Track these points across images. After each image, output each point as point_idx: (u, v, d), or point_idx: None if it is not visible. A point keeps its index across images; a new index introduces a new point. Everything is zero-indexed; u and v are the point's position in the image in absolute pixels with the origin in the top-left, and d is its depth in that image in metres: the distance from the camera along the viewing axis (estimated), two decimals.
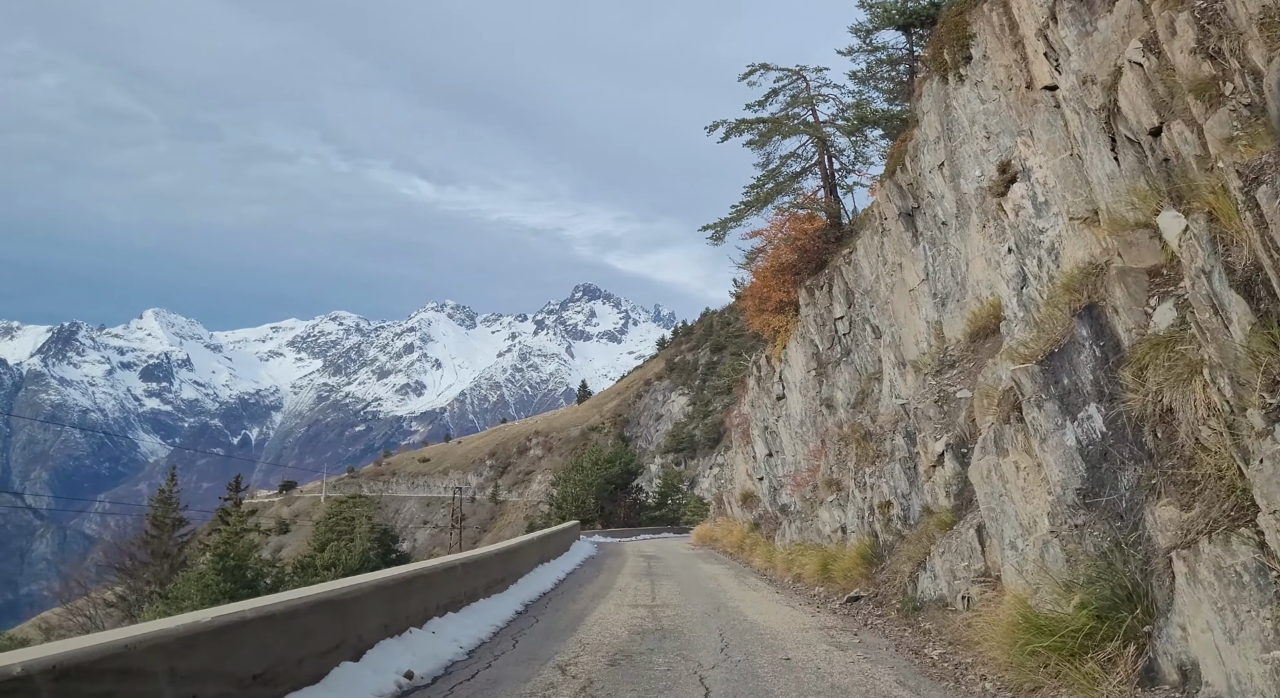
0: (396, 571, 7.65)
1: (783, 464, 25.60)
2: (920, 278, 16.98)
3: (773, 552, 18.76)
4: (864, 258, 22.85)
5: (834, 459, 18.71)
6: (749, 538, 23.74)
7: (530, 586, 12.96)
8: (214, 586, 35.94)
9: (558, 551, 19.96)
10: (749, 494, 28.30)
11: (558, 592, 13.27)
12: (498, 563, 11.19)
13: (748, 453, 28.47)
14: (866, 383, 22.22)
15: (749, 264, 28.85)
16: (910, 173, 18.61)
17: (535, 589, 12.78)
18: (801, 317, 25.66)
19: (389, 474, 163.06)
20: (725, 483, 32.39)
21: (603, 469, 52.79)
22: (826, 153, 27.90)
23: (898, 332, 17.87)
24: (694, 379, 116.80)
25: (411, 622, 7.38)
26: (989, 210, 12.79)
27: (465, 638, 7.84)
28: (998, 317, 12.08)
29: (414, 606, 7.45)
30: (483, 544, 54.41)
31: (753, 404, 27.77)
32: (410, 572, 7.65)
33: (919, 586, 9.75)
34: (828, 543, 15.18)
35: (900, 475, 11.86)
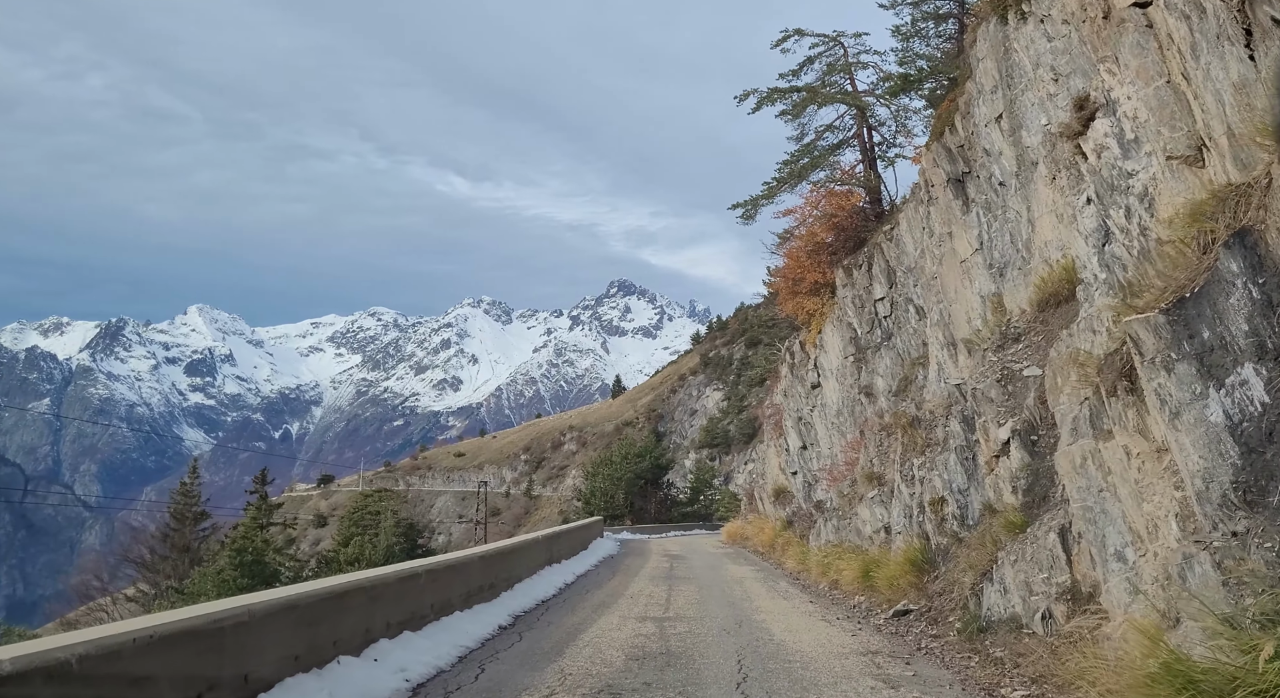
0: (325, 582, 6.09)
1: (818, 457, 23.80)
2: (973, 248, 15.10)
3: (806, 553, 17.02)
4: (907, 233, 20.96)
5: (874, 451, 16.93)
6: (781, 537, 22.00)
7: (528, 592, 11.40)
8: (231, 581, 35.04)
9: (572, 550, 18.43)
10: (781, 490, 26.53)
11: (559, 600, 11.70)
12: (481, 568, 9.62)
13: (780, 446, 26.69)
14: (910, 369, 20.35)
15: (781, 245, 27.03)
16: (961, 133, 16.72)
17: (532, 597, 11.23)
18: (838, 299, 23.80)
19: (425, 468, 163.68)
20: (757, 478, 30.60)
21: (632, 464, 51.23)
22: (866, 124, 25.97)
23: (947, 309, 15.99)
24: (729, 374, 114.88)
25: (345, 648, 5.83)
26: (1060, 158, 10.92)
27: (417, 667, 6.27)
28: (1072, 281, 10.23)
29: (349, 627, 5.87)
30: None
31: (785, 393, 25.97)
32: (343, 584, 6.03)
33: (984, 600, 7.99)
34: (868, 545, 13.42)
35: (956, 467, 10.08)
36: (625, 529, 42.04)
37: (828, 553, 14.68)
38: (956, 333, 15.55)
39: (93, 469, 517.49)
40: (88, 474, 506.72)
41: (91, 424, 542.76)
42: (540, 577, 13.17)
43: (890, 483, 13.76)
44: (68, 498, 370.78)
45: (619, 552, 23.77)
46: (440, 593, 8.05)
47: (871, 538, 13.29)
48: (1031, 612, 7.19)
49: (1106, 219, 9.65)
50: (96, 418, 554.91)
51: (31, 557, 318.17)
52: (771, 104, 25.32)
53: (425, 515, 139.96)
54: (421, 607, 7.50)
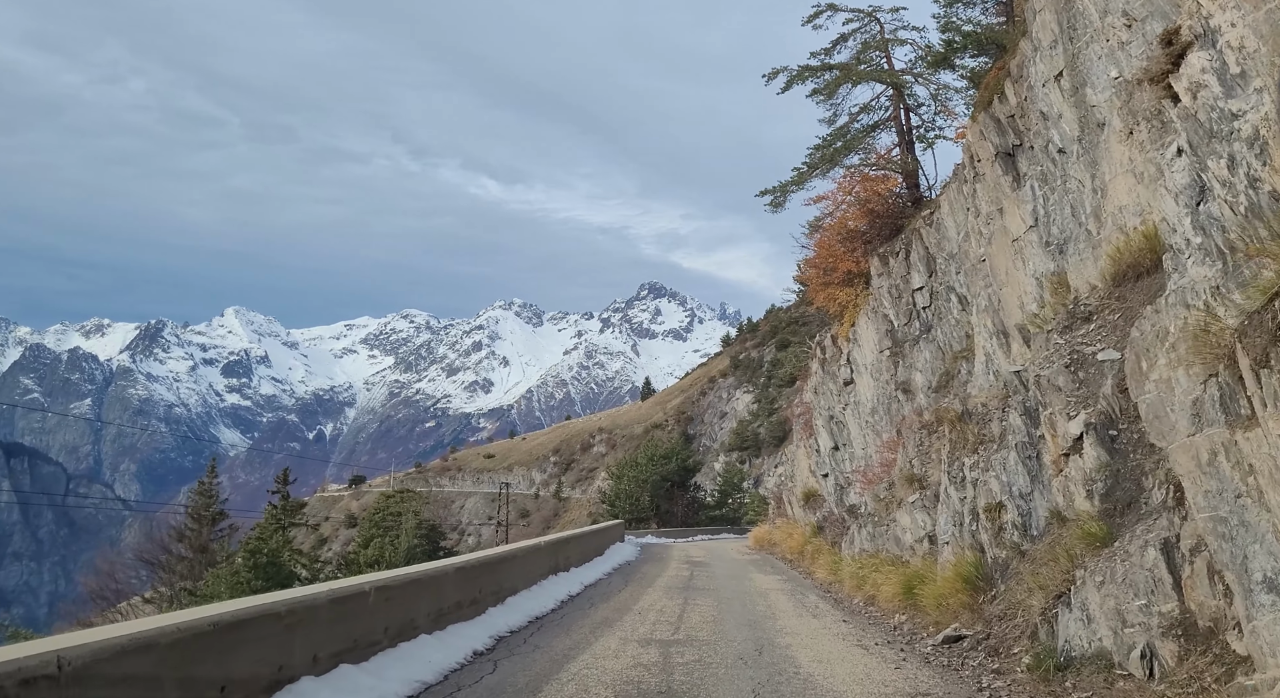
0: (217, 610, 4.70)
1: (850, 459, 22.25)
2: (1026, 224, 13.54)
3: (839, 563, 15.52)
4: (948, 216, 19.38)
5: (914, 451, 15.39)
6: (811, 544, 20.49)
7: (521, 607, 10.03)
8: (245, 583, 34.18)
9: (584, 556, 17.02)
10: (811, 493, 24.99)
11: (556, 616, 10.30)
12: (458, 581, 8.20)
13: (810, 446, 25.14)
14: (951, 363, 18.77)
15: (812, 233, 25.52)
16: (1011, 100, 15.16)
17: (525, 613, 9.84)
18: (873, 289, 22.25)
19: (455, 470, 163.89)
20: (785, 480, 29.01)
21: (658, 466, 49.76)
22: (903, 103, 24.39)
23: (996, 293, 14.42)
24: (759, 377, 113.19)
25: (248, 690, 4.52)
26: (1139, 108, 9.36)
27: None
28: (1155, 250, 8.69)
29: (247, 665, 4.50)
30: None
31: (816, 391, 24.43)
32: (243, 610, 4.62)
33: (1060, 629, 6.51)
34: (909, 555, 11.91)
35: (1016, 468, 8.57)
36: (650, 533, 40.62)
37: (862, 564, 13.18)
38: (1007, 319, 13.98)
39: (132, 469, 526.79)
40: (127, 474, 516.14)
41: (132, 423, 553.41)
42: (541, 588, 11.80)
43: (934, 486, 12.24)
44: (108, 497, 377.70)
45: (637, 558, 22.36)
46: (399, 613, 6.68)
47: (913, 548, 11.78)
48: (1126, 648, 5.70)
49: (1202, 173, 8.10)
50: (136, 418, 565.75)
51: (73, 554, 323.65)
52: (802, 82, 23.86)
53: (455, 517, 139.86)
54: (371, 631, 6.13)
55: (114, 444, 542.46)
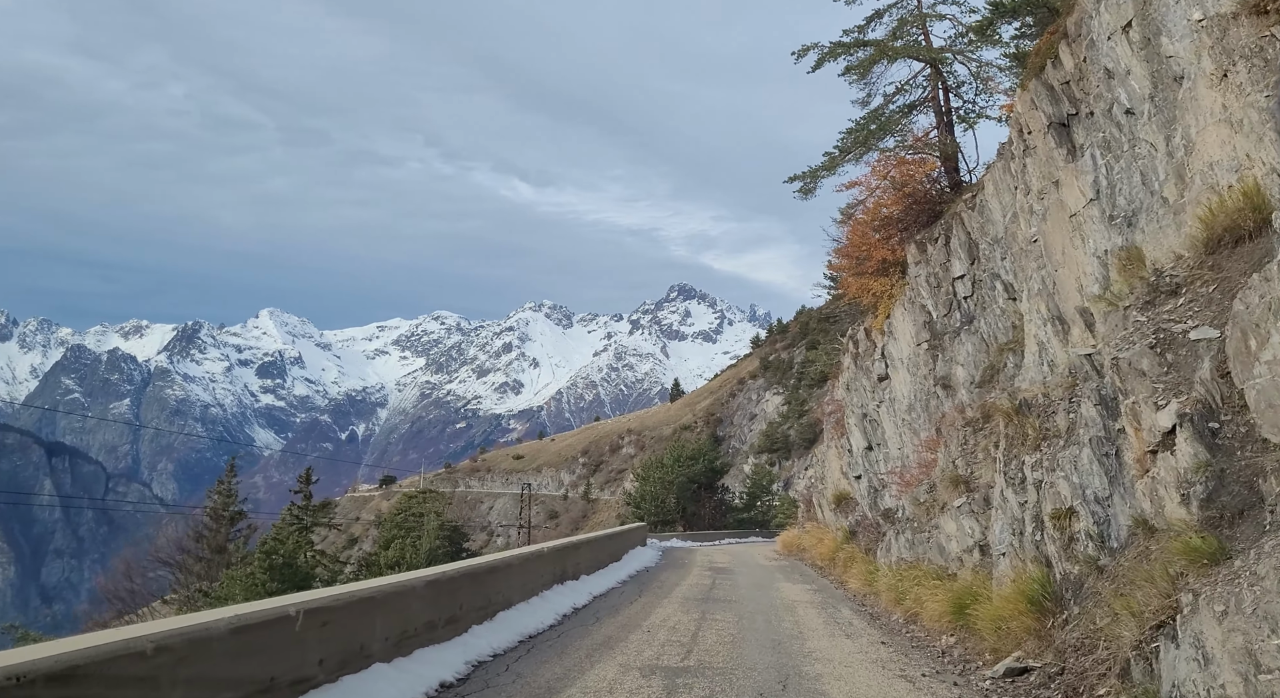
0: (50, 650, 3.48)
1: (885, 459, 20.84)
2: (1086, 198, 12.11)
3: (874, 572, 14.17)
4: (993, 198, 17.93)
5: (957, 450, 14.00)
6: (843, 550, 19.12)
7: (513, 624, 8.76)
8: (261, 585, 33.44)
9: (597, 562, 15.79)
10: (843, 496, 23.58)
11: (552, 635, 8.99)
12: (427, 597, 6.86)
13: (841, 446, 23.73)
14: (996, 356, 17.33)
15: (844, 221, 24.12)
16: (1067, 65, 13.71)
17: (517, 631, 8.58)
18: (910, 278, 20.83)
19: (484, 471, 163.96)
20: (815, 482, 27.60)
21: (685, 467, 48.44)
22: (941, 82, 22.94)
23: (1051, 276, 13.00)
24: (789, 378, 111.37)
25: None
26: (1237, 46, 7.98)
27: None
28: (1259, 208, 7.30)
29: None
30: None
31: (848, 387, 23.01)
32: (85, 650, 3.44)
33: (1163, 668, 5.18)
34: (955, 567, 10.55)
35: (1091, 467, 7.21)
36: (675, 536, 39.35)
37: (901, 575, 11.83)
38: (1064, 303, 12.55)
39: (169, 468, 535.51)
40: (164, 473, 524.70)
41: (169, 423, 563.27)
42: (542, 600, 10.56)
43: (983, 489, 10.87)
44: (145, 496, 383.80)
45: (657, 564, 21.09)
46: (342, 640, 5.45)
47: (960, 559, 10.43)
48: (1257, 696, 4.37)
49: None
50: (173, 418, 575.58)
51: (114, 551, 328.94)
52: (834, 60, 22.47)
53: (484, 518, 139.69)
54: (297, 665, 4.90)
55: (152, 444, 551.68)
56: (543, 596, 10.99)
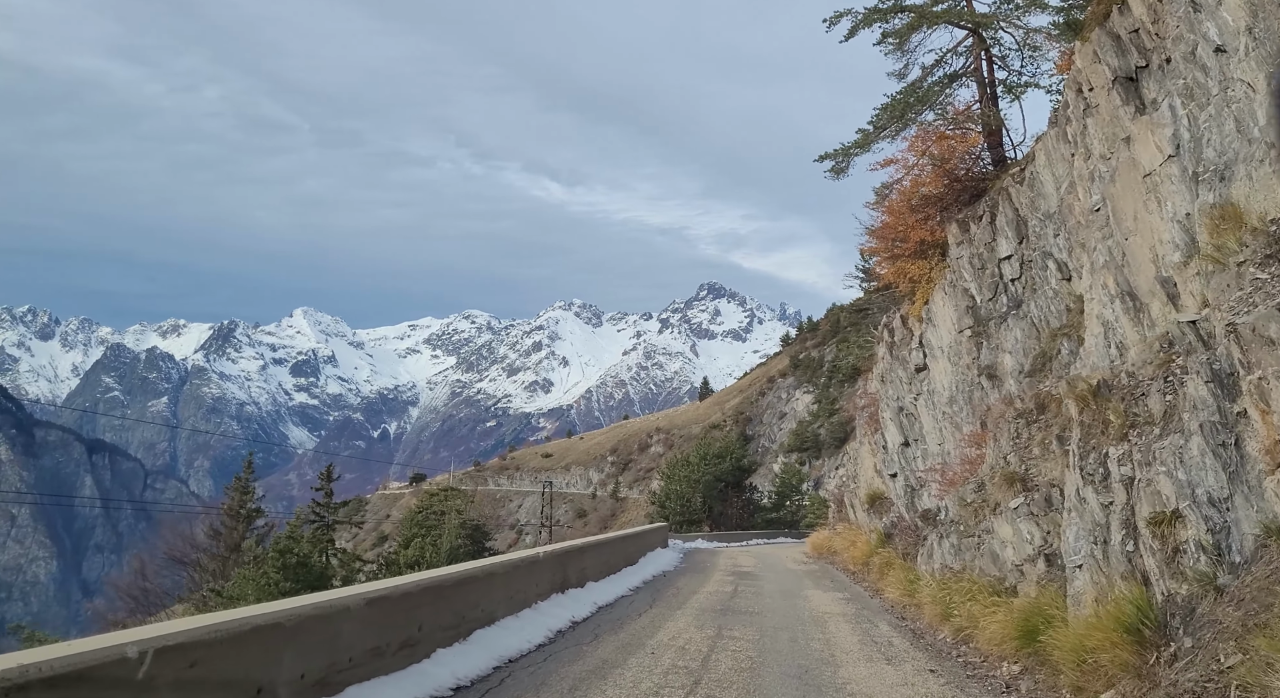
0: None
1: (924, 456, 19.27)
2: (1164, 154, 10.51)
3: (914, 581, 12.67)
4: (1045, 169, 16.32)
5: (1008, 445, 12.46)
6: (878, 555, 17.59)
7: (493, 643, 7.36)
8: (274, 584, 32.56)
9: (608, 567, 14.42)
10: (877, 496, 22.02)
11: (538, 658, 7.56)
12: (371, 618, 5.34)
13: (875, 443, 22.16)
14: (1049, 341, 15.73)
15: (879, 202, 22.55)
16: (1136, 10, 12.09)
17: (494, 652, 7.16)
18: (951, 260, 19.24)
19: (513, 469, 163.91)
20: (847, 481, 26.00)
21: (711, 465, 46.94)
22: (985, 51, 21.28)
23: (1119, 246, 11.40)
24: (819, 376, 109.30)
25: None
26: None
27: None
28: None
29: None
30: None
31: (883, 379, 21.44)
32: None
33: None
34: (1015, 578, 9.06)
35: (1204, 460, 5.71)
36: (700, 537, 37.90)
37: (947, 585, 10.35)
38: (1136, 276, 10.97)
39: (205, 465, 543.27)
40: (201, 470, 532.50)
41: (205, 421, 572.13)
42: (535, 613, 9.20)
43: (1046, 487, 9.35)
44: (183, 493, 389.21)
45: (676, 567, 19.69)
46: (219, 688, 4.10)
47: (1020, 569, 8.93)
48: None
49: None
50: (209, 416, 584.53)
51: (151, 547, 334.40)
52: (869, 27, 20.91)
53: (513, 516, 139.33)
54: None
55: (189, 441, 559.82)
56: (537, 607, 9.65)
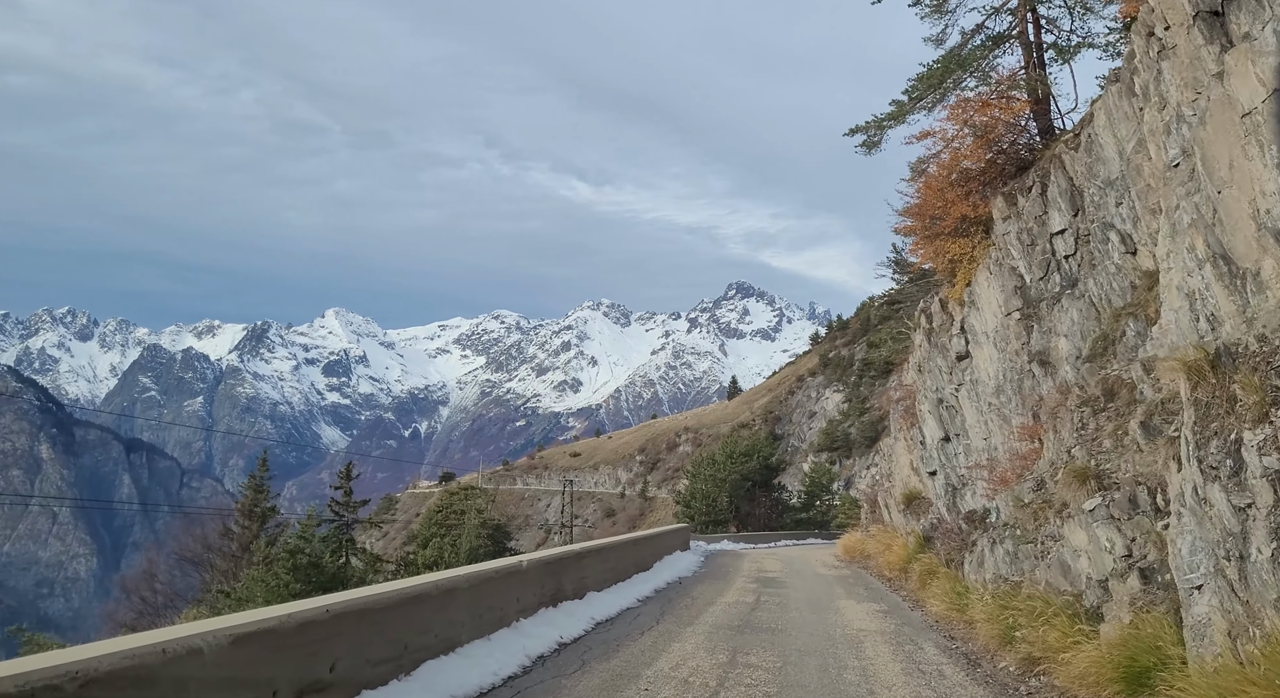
0: None
1: (966, 452, 17.56)
2: (1269, 88, 8.81)
3: (963, 593, 11.04)
4: (1106, 130, 14.56)
5: (1072, 437, 10.83)
6: (918, 561, 15.93)
7: (446, 677, 5.83)
8: (285, 586, 31.48)
9: (618, 573, 12.90)
10: (914, 495, 20.31)
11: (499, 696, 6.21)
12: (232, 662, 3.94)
13: (912, 438, 20.45)
14: (1111, 323, 13.99)
15: (915, 177, 20.86)
16: None
17: (442, 693, 5.77)
18: (996, 237, 17.52)
19: (541, 468, 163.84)
20: (881, 479, 24.26)
21: (738, 464, 45.27)
22: (1032, 11, 19.51)
23: (1210, 201, 9.70)
24: (849, 375, 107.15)
25: None
26: None
27: None
28: None
29: None
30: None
31: (920, 369, 19.73)
32: None
33: None
34: (1096, 596, 7.44)
35: None
36: (726, 538, 36.30)
37: (1006, 601, 8.73)
38: (1232, 236, 9.26)
39: (240, 464, 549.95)
40: (236, 468, 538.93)
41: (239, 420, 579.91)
42: (514, 634, 7.67)
43: (1130, 485, 7.69)
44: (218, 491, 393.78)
45: (695, 573, 18.14)
46: None
47: (1102, 585, 7.33)
48: None
49: None
50: (244, 415, 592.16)
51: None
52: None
53: (541, 515, 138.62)
54: None
55: (224, 440, 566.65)
56: (517, 627, 8.15)
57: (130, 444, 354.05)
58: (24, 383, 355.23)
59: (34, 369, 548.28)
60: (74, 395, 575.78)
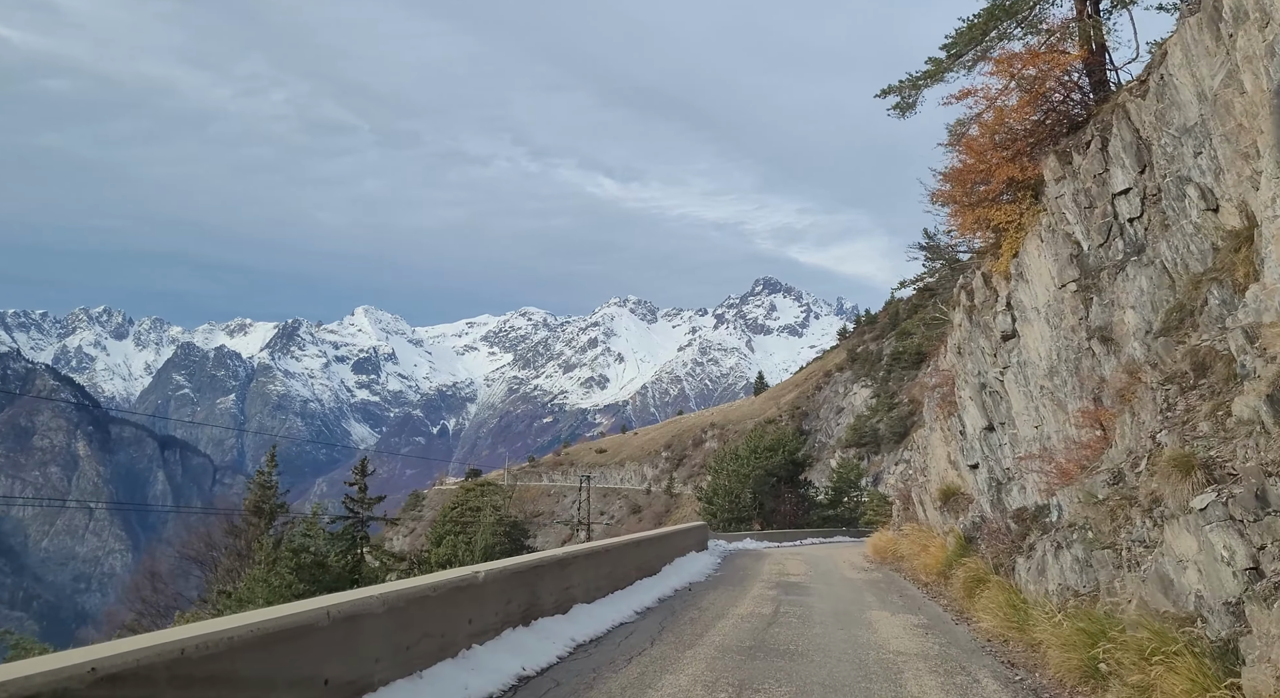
0: None
1: (1013, 442, 15.64)
2: None
3: (1021, 607, 9.21)
4: (1182, 68, 12.57)
5: (1155, 421, 8.99)
6: (961, 564, 14.06)
7: None
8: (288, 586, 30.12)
9: (616, 580, 11.18)
10: (951, 491, 18.41)
11: None
12: None
13: (950, 428, 18.53)
14: (1189, 291, 12.04)
15: (954, 142, 18.90)
16: None
17: None
18: (1048, 201, 15.56)
19: (567, 464, 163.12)
20: (914, 474, 22.34)
21: (762, 458, 43.40)
22: None
23: None
24: (878, 370, 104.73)
25: None
26: None
27: None
28: None
29: None
30: None
31: (960, 351, 17.82)
32: None
33: None
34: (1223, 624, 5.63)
35: None
36: (748, 536, 34.47)
37: (1089, 626, 6.90)
38: None
39: None
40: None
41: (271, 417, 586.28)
42: (460, 665, 5.94)
43: (1257, 477, 5.83)
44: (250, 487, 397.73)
45: (709, 577, 16.39)
46: None
47: (1234, 609, 5.53)
48: None
49: None
50: (275, 413, 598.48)
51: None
52: None
53: (566, 511, 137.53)
54: None
55: (255, 438, 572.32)
56: (465, 657, 6.37)
57: (164, 441, 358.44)
58: (61, 381, 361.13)
59: (71, 368, 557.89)
60: (110, 393, 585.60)
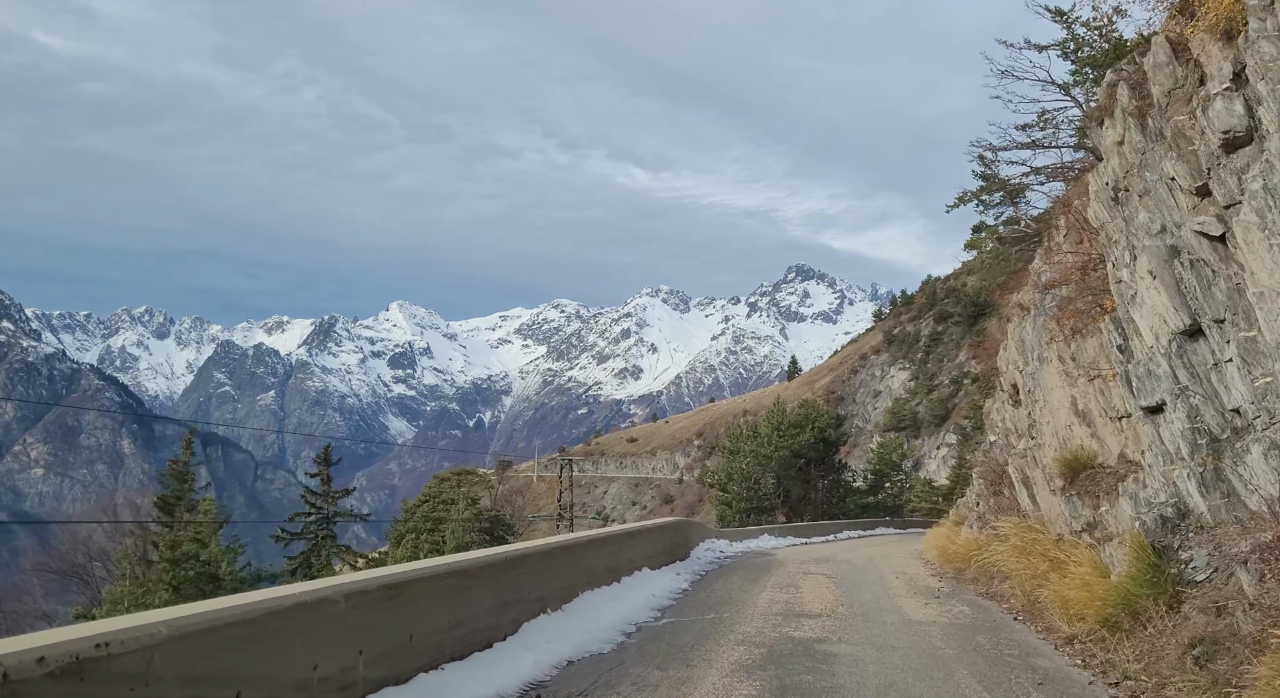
0: None
1: (1253, 353, 7.65)
2: None
3: None
4: None
5: None
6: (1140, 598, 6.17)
7: None
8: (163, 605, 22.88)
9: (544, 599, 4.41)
10: (1083, 461, 10.50)
11: None
12: None
13: (1081, 353, 10.69)
14: None
15: None
16: None
17: None
18: None
19: (599, 454, 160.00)
20: (1008, 435, 14.07)
21: (787, 438, 35.62)
22: None
23: None
24: (915, 352, 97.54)
25: None
26: None
27: None
28: None
29: None
30: None
31: (1115, 198, 9.93)
32: None
33: None
34: None
35: None
36: (766, 532, 26.67)
37: None
38: None
39: (311, 455, 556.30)
40: (307, 460, 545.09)
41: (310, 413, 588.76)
42: None
43: None
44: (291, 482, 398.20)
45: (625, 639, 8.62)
46: None
47: None
48: None
49: None
50: (314, 408, 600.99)
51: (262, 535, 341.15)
52: None
53: (598, 502, 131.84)
54: None
55: (295, 433, 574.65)
56: None
57: (206, 438, 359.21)
58: (106, 381, 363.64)
59: (115, 368, 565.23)
60: (153, 392, 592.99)
